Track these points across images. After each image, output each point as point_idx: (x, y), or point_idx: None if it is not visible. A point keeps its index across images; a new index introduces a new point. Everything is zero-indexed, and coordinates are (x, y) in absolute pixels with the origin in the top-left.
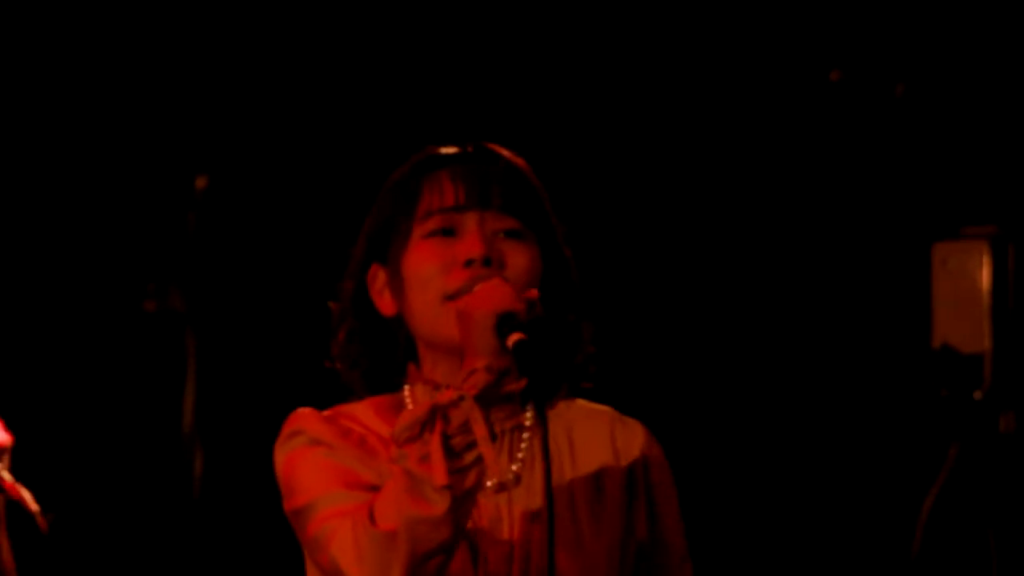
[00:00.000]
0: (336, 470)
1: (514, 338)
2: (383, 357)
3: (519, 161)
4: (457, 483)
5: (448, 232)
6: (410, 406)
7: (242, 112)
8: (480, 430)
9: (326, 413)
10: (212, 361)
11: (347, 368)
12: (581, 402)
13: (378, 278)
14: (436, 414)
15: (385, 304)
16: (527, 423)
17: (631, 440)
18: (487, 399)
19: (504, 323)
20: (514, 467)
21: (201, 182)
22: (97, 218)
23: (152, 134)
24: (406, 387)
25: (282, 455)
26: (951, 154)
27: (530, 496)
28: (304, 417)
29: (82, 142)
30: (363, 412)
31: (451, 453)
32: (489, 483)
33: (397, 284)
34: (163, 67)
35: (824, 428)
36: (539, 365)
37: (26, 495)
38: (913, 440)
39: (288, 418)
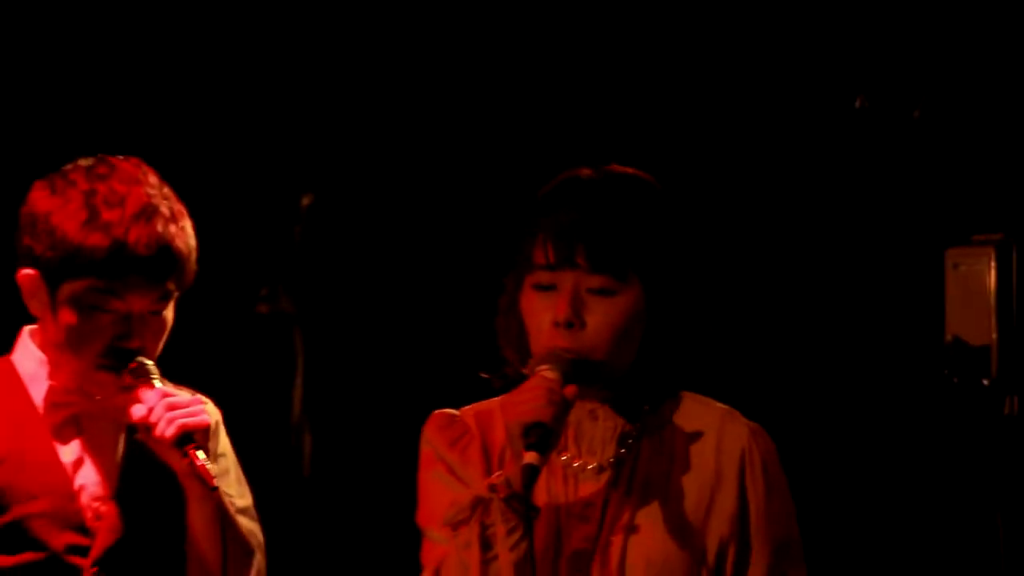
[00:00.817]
0: (443, 501)
1: (527, 459)
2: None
3: (627, 200)
4: (491, 572)
5: (550, 287)
6: None
7: (341, 138)
8: (502, 532)
9: (460, 411)
10: (318, 356)
11: (508, 358)
12: (707, 402)
13: None
14: (479, 505)
15: None
16: (640, 415)
17: (735, 439)
18: (516, 502)
19: (530, 432)
20: (622, 450)
21: (306, 200)
22: (217, 233)
23: (263, 160)
24: None
25: (420, 452)
26: (962, 171)
27: (626, 482)
28: (431, 424)
29: (204, 168)
30: (499, 409)
31: (485, 545)
32: (590, 465)
33: (520, 313)
34: (276, 99)
35: (851, 413)
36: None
37: (210, 473)
38: (929, 421)
39: (428, 418)
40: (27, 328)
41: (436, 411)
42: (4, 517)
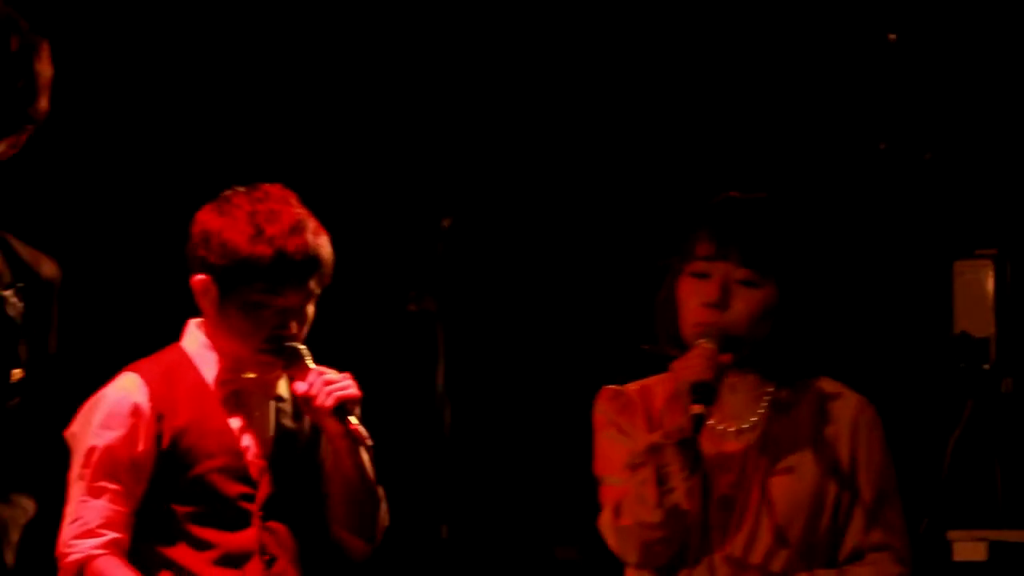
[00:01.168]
0: (617, 453)
1: (695, 410)
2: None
3: (774, 213)
4: (667, 502)
5: (704, 275)
6: None
7: (474, 173)
8: (676, 470)
9: (624, 387)
10: (455, 345)
11: (660, 336)
12: (826, 380)
13: None
14: (654, 450)
15: None
16: (771, 389)
17: (847, 407)
18: (687, 445)
19: (696, 390)
20: (753, 418)
21: (446, 222)
22: (376, 249)
23: (414, 191)
24: None
25: (594, 419)
26: (965, 201)
27: (761, 441)
28: (602, 396)
29: (368, 199)
30: (656, 385)
31: (661, 481)
32: (732, 428)
33: (675, 297)
34: (428, 142)
35: (880, 394)
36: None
37: (365, 434)
38: (941, 399)
39: (599, 392)
40: (193, 320)
41: (604, 387)
42: (191, 472)
